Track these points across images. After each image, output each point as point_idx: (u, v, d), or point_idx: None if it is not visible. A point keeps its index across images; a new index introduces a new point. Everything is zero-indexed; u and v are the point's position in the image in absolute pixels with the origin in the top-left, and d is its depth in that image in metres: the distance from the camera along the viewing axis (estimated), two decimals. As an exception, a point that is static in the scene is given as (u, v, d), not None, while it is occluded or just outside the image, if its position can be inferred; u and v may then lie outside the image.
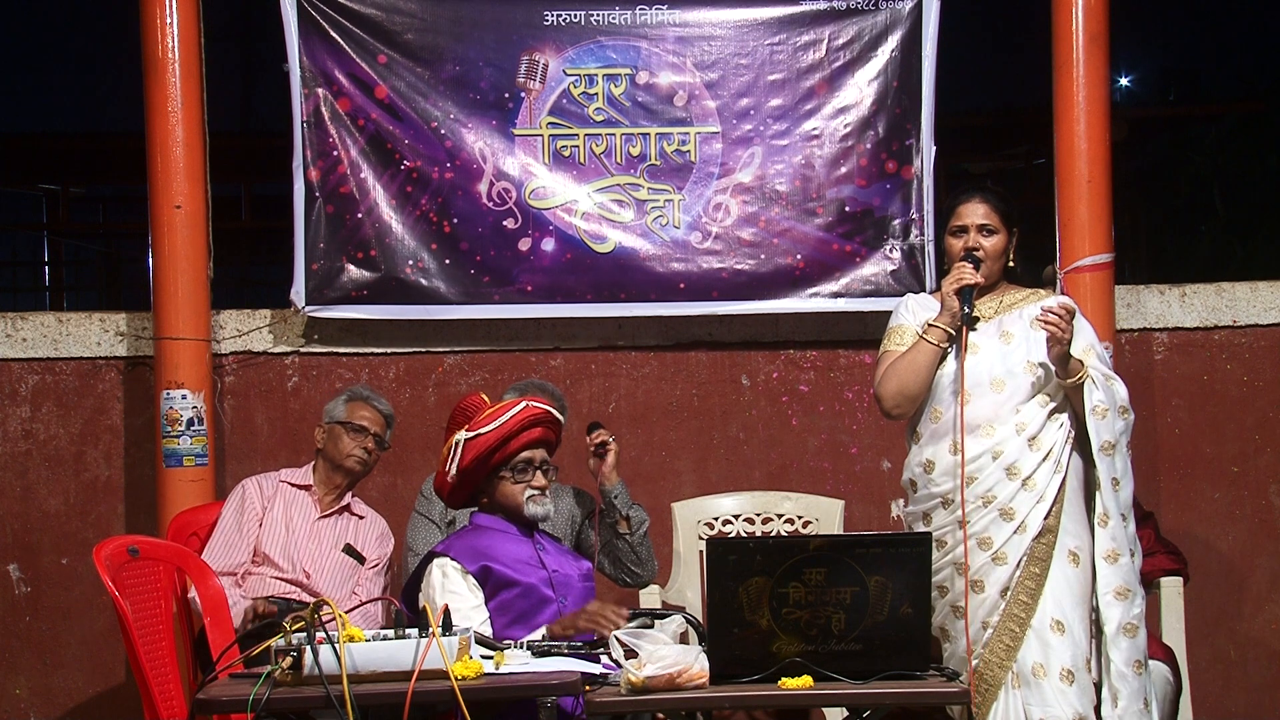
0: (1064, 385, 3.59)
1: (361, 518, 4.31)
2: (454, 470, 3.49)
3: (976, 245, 3.71)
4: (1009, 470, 3.60)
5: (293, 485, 4.27)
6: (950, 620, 3.65)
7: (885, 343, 3.83)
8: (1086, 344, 3.69)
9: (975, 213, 3.76)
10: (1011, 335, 3.70)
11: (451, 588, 3.39)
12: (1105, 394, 3.61)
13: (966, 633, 3.55)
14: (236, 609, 3.96)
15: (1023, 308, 3.75)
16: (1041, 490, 3.60)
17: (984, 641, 3.56)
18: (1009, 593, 3.57)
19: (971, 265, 3.68)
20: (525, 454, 3.53)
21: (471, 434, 3.48)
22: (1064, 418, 3.63)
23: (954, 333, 3.66)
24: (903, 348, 3.75)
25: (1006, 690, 3.55)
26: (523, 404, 3.54)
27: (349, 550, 4.22)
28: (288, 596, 4.07)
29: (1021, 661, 3.55)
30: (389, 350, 5.11)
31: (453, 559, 3.44)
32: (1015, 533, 3.58)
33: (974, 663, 3.55)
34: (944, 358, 3.69)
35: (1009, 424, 3.61)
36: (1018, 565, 3.57)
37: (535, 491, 3.53)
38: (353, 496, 4.33)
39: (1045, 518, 3.59)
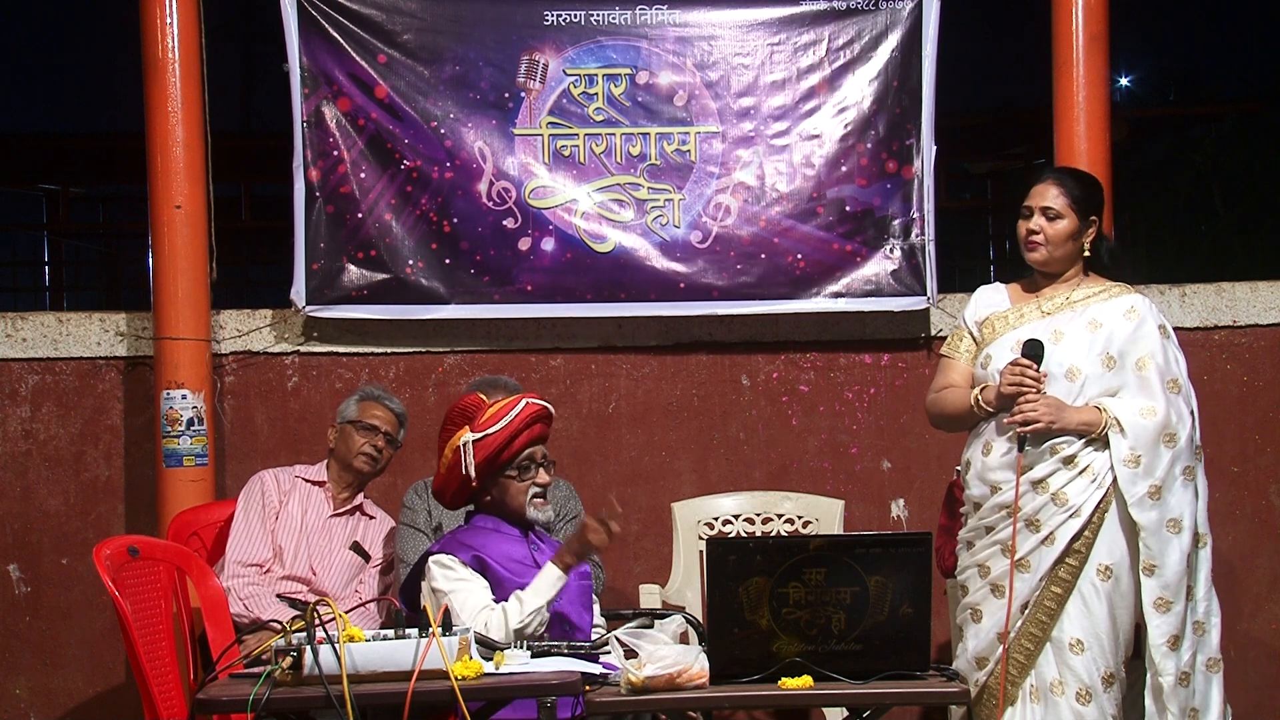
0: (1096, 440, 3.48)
1: (372, 518, 4.33)
2: (471, 473, 3.47)
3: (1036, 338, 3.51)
4: (1037, 484, 3.50)
5: (307, 481, 4.28)
6: (968, 623, 3.61)
7: (946, 344, 3.79)
8: (1146, 353, 3.53)
9: (1042, 195, 3.59)
10: (1062, 334, 3.57)
11: (459, 575, 3.41)
12: (1136, 436, 3.44)
13: (1008, 617, 3.47)
14: (264, 602, 4.00)
15: (1085, 306, 3.59)
16: (1075, 505, 3.47)
17: (996, 656, 3.52)
18: (1029, 609, 3.51)
19: (1032, 364, 3.48)
20: (528, 451, 3.53)
21: (479, 435, 3.47)
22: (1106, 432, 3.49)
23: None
24: (955, 355, 3.71)
25: (1024, 701, 3.51)
26: (523, 401, 3.53)
27: (355, 548, 4.23)
28: (293, 595, 4.08)
29: (1042, 676, 3.50)
30: (389, 350, 5.11)
31: (449, 555, 3.45)
32: (1042, 544, 3.48)
33: (983, 677, 3.53)
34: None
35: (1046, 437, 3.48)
36: (1041, 579, 3.49)
37: (538, 492, 3.54)
38: (364, 497, 4.34)
39: (1075, 537, 3.47)
